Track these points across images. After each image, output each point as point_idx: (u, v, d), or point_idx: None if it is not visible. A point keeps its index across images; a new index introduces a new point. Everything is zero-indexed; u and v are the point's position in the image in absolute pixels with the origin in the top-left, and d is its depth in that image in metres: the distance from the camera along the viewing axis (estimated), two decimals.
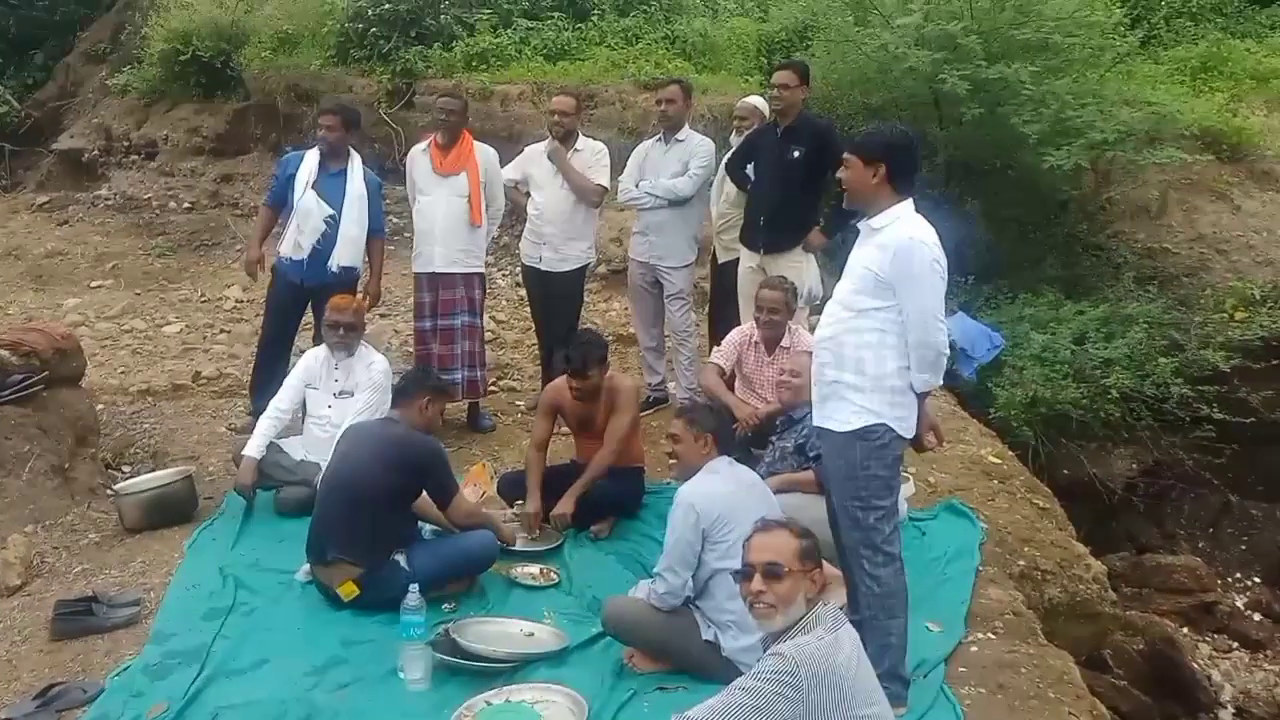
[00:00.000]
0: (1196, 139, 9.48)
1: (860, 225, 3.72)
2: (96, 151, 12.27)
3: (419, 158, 6.29)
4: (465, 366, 6.23)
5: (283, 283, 6.06)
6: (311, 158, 5.99)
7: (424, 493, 4.46)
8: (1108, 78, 9.10)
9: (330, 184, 5.93)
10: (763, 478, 4.61)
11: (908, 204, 3.60)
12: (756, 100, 6.69)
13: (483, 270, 6.44)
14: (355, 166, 6.03)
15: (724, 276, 6.50)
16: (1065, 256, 9.22)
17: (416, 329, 6.36)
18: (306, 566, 4.46)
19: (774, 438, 5.07)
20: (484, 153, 6.26)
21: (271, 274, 6.15)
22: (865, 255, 3.59)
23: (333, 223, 5.88)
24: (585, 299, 7.25)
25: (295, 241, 5.92)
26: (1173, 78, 10.52)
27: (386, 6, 10.68)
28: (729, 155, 6.35)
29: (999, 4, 8.60)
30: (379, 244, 6.29)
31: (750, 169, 6.13)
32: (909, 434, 3.65)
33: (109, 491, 5.38)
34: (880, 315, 3.54)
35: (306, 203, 5.87)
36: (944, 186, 9.27)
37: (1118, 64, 9.33)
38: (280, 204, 6.13)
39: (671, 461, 4.31)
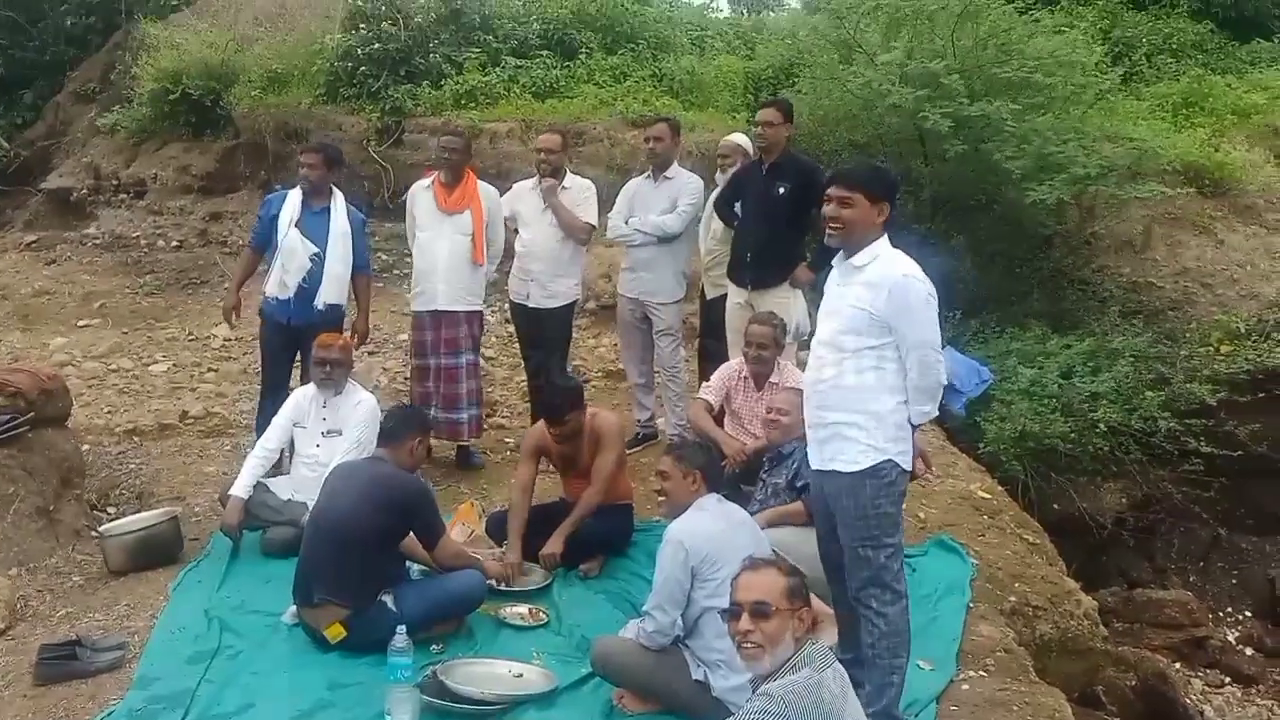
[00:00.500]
0: (1179, 174, 9.58)
1: (838, 263, 3.72)
2: (85, 190, 12.31)
3: (421, 195, 6.28)
4: (470, 405, 6.22)
5: (271, 324, 6.02)
6: (294, 197, 5.98)
7: (411, 533, 4.43)
8: (1089, 114, 9.20)
9: (314, 222, 5.92)
10: (754, 514, 4.60)
11: (884, 239, 3.62)
12: (739, 138, 6.75)
13: (482, 308, 6.45)
14: (338, 204, 6.03)
15: (712, 312, 6.52)
16: (1051, 291, 9.26)
17: (415, 366, 6.32)
18: (293, 608, 4.41)
19: (764, 474, 5.06)
20: (487, 192, 6.28)
21: (260, 317, 6.11)
22: (853, 294, 3.58)
23: (318, 260, 5.86)
24: (574, 335, 7.26)
25: (281, 281, 5.90)
26: (1154, 113, 10.65)
27: (376, 46, 10.79)
28: (716, 193, 6.38)
29: (981, 43, 8.71)
30: (365, 281, 6.28)
31: (738, 206, 6.17)
32: (909, 467, 3.66)
33: (94, 533, 5.33)
34: (875, 353, 3.54)
35: (290, 241, 5.86)
36: (930, 222, 9.34)
37: (1099, 101, 9.43)
38: (264, 246, 6.10)
39: (660, 499, 4.29)
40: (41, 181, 12.96)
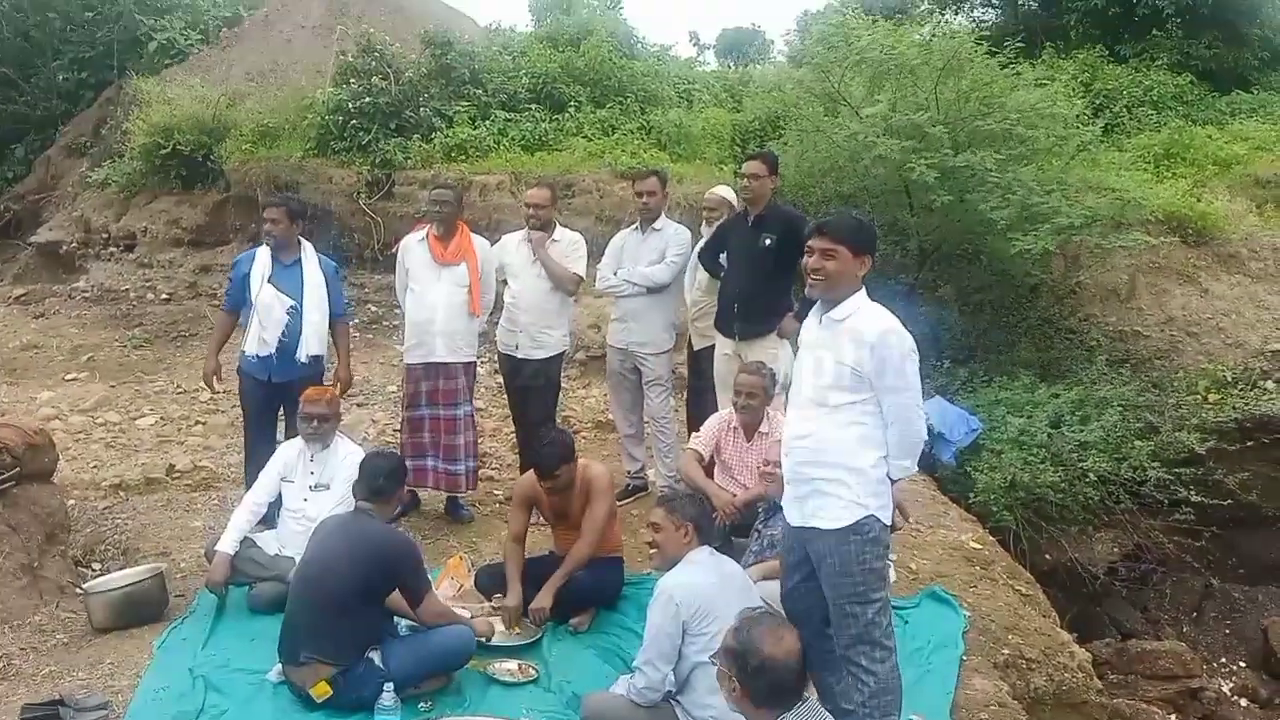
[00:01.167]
0: (1162, 223, 9.70)
1: (815, 315, 3.71)
2: (75, 244, 12.35)
3: (414, 248, 6.27)
4: (467, 457, 6.21)
5: (250, 383, 5.93)
6: (263, 254, 5.93)
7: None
8: (1072, 165, 9.31)
9: (286, 276, 5.89)
10: (749, 566, 4.58)
11: (863, 292, 3.63)
12: (724, 190, 6.81)
13: (475, 359, 6.45)
14: (309, 255, 6.00)
15: (700, 363, 6.54)
16: (1038, 340, 9.32)
17: (410, 418, 6.25)
18: (279, 666, 4.35)
19: (760, 525, 5.03)
20: (479, 244, 6.31)
21: (239, 375, 6.03)
22: (835, 349, 3.57)
23: (295, 313, 5.82)
24: (564, 386, 7.25)
25: (260, 338, 5.82)
26: (1136, 164, 10.79)
27: (366, 100, 10.90)
28: (702, 245, 6.42)
29: (963, 96, 8.83)
30: (344, 328, 6.23)
31: (723, 257, 6.21)
32: (889, 521, 3.64)
33: (78, 590, 5.26)
34: (858, 409, 3.54)
35: (265, 297, 5.81)
36: (917, 271, 9.42)
37: (1081, 152, 9.55)
38: (238, 306, 6.03)
39: (652, 551, 4.26)
40: (31, 235, 13.03)
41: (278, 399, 5.92)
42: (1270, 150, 11.68)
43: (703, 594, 3.81)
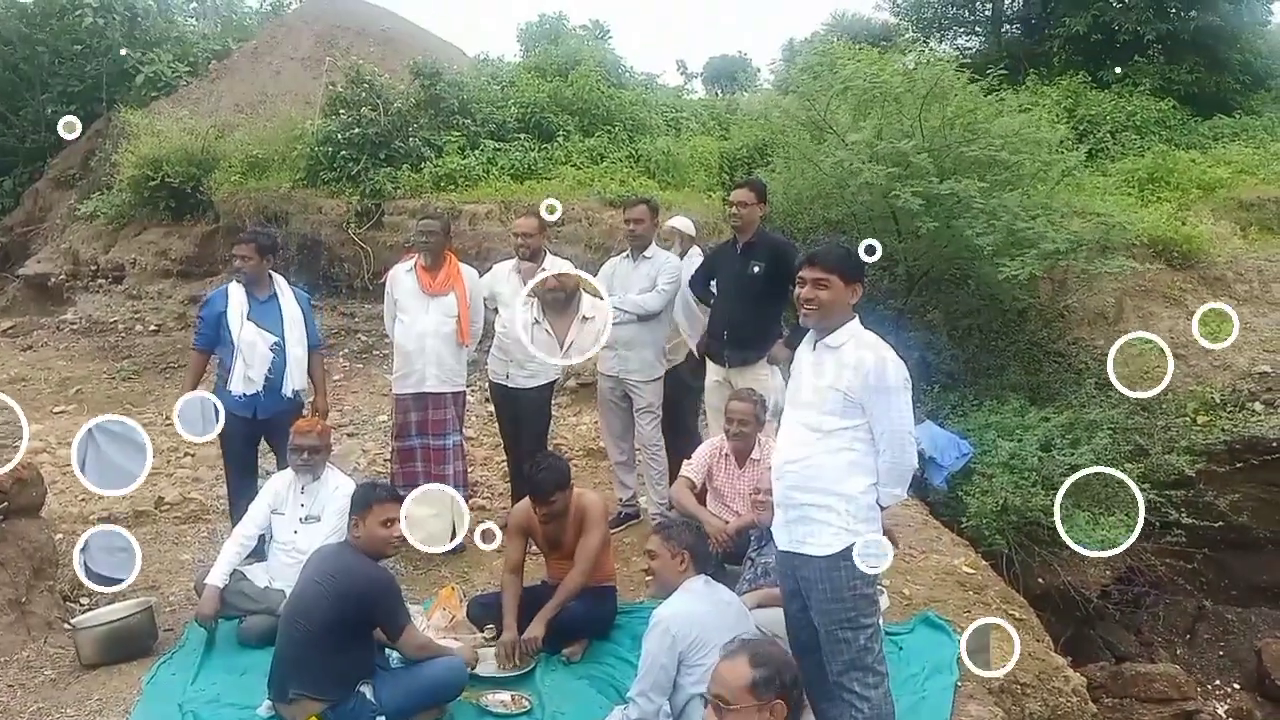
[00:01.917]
0: (1147, 247, 9.77)
1: (810, 342, 3.72)
2: (63, 276, 12.33)
3: (402, 278, 6.27)
4: (457, 487, 6.18)
5: (232, 420, 5.76)
6: (236, 292, 5.87)
7: None
8: (1057, 190, 9.38)
9: (264, 311, 5.85)
10: (742, 594, 4.56)
11: (856, 320, 3.65)
12: (677, 221, 6.93)
13: (465, 389, 6.44)
14: (284, 290, 5.97)
15: (666, 383, 6.56)
16: (1027, 363, 9.36)
17: (400, 448, 6.25)
18: (269, 701, 4.31)
19: (753, 553, 5.02)
20: (467, 273, 6.31)
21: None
22: (829, 375, 3.58)
23: (279, 349, 5.79)
24: (555, 414, 7.24)
25: (245, 377, 5.75)
26: (1120, 189, 10.88)
27: (356, 130, 10.94)
28: (692, 273, 6.45)
29: (948, 123, 8.89)
30: (319, 359, 6.20)
31: (713, 285, 6.24)
32: None
33: (66, 625, 5.21)
34: (850, 435, 3.54)
35: (248, 335, 5.75)
36: (905, 297, 9.45)
37: (1065, 177, 9.63)
38: (212, 345, 5.93)
39: (648, 579, 4.24)
40: (19, 267, 13.01)
41: (259, 435, 5.90)
42: (1253, 173, 11.82)
43: (699, 623, 3.79)
